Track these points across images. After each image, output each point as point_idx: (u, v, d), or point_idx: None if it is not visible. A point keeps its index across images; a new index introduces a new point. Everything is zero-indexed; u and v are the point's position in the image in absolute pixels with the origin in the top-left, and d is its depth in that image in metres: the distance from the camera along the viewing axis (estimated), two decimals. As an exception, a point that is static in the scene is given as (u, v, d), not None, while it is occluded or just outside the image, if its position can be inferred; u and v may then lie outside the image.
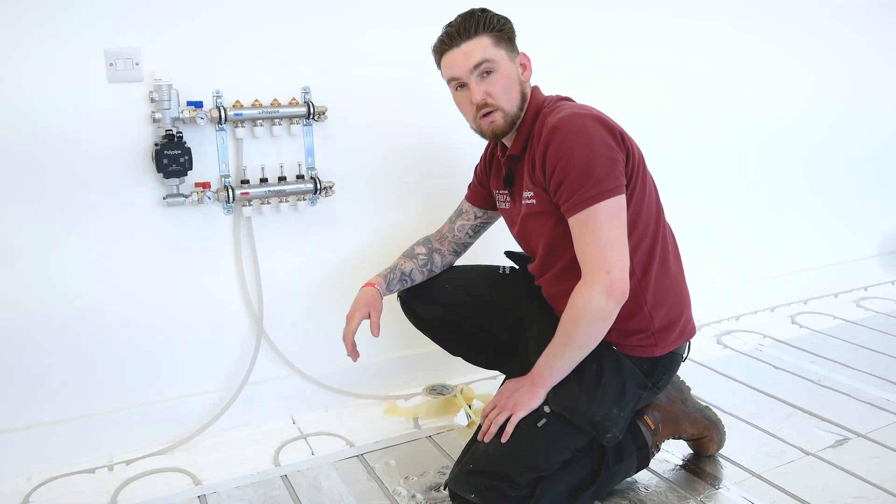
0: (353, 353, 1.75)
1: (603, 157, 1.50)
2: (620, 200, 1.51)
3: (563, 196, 1.52)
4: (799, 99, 2.96)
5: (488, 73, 1.59)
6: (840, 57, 3.05)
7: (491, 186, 1.83)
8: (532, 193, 1.63)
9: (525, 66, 1.66)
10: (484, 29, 1.58)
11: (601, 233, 1.49)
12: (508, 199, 1.75)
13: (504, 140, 1.71)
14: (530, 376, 1.60)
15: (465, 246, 1.94)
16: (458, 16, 1.62)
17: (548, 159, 1.54)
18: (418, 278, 1.88)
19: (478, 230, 1.93)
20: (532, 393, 1.58)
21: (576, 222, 1.52)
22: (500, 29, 1.60)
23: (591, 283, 1.50)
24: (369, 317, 1.75)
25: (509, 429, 1.56)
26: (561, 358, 1.56)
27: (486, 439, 1.58)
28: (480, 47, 1.58)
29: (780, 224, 3.04)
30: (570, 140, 1.51)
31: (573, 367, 1.57)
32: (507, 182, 1.72)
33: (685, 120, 2.69)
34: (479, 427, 1.69)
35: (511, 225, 1.80)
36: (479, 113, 1.61)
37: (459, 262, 1.96)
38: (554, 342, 1.57)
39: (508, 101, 1.61)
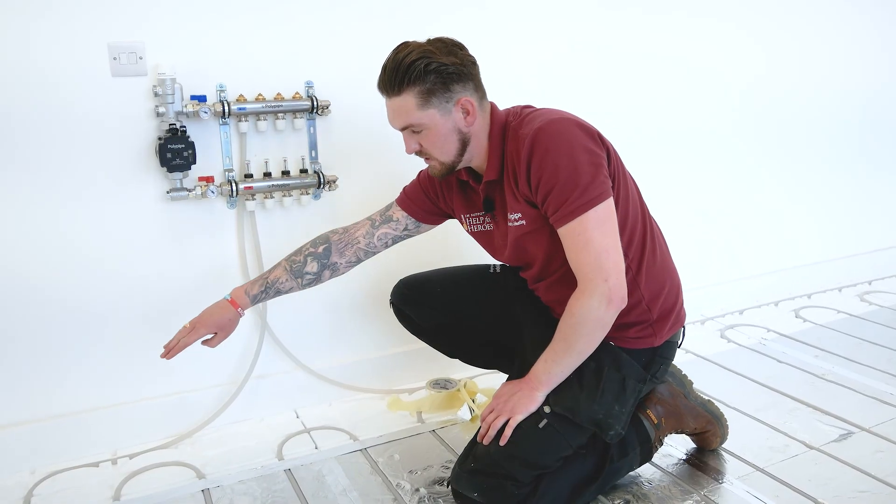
0: (169, 355, 1.67)
1: (586, 163, 1.48)
2: (609, 205, 1.49)
3: (550, 208, 1.50)
4: (795, 87, 2.95)
5: (416, 131, 1.56)
6: (838, 34, 3.02)
7: (456, 210, 1.76)
8: (520, 214, 1.59)
9: (468, 111, 1.55)
10: (409, 84, 1.50)
11: (594, 241, 1.47)
12: (489, 222, 1.71)
13: (472, 166, 1.66)
14: (528, 380, 1.59)
15: (373, 255, 1.84)
16: (389, 56, 1.53)
17: (532, 172, 1.50)
18: (296, 293, 1.81)
19: (397, 241, 1.84)
20: (530, 397, 1.57)
21: (567, 232, 1.50)
22: (431, 81, 1.50)
23: (590, 293, 1.48)
24: (213, 335, 1.71)
25: (507, 432, 1.55)
26: (559, 364, 1.56)
27: (485, 442, 1.58)
28: (404, 111, 1.53)
29: (784, 218, 3.03)
30: (552, 150, 1.48)
31: (571, 371, 1.57)
32: (488, 206, 1.67)
33: (681, 112, 2.67)
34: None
35: (493, 247, 1.75)
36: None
37: (459, 262, 1.94)
38: (552, 348, 1.56)
39: (442, 154, 1.59)
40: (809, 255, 3.14)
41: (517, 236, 1.63)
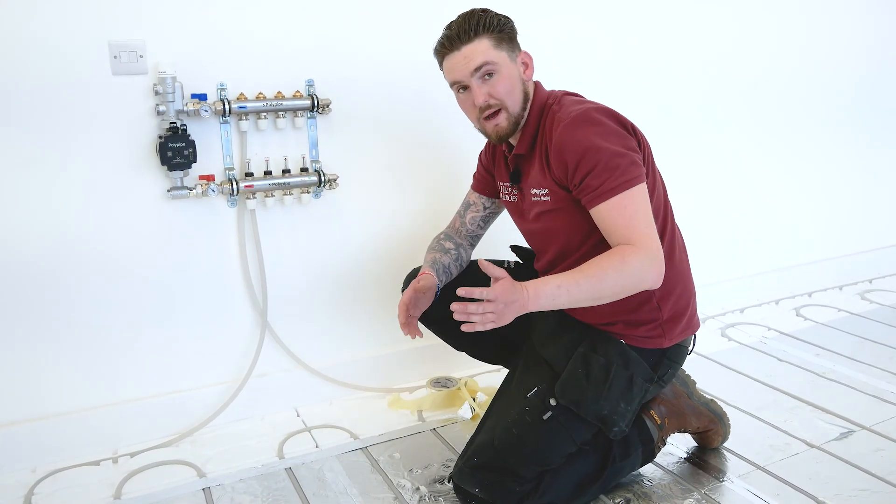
0: (410, 328, 1.71)
1: (625, 147, 1.50)
2: (645, 188, 1.50)
3: (589, 187, 1.49)
4: (796, 84, 2.95)
5: (490, 75, 1.58)
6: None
7: (496, 177, 1.82)
8: (546, 191, 1.60)
9: (527, 64, 1.64)
10: (484, 30, 1.56)
11: (642, 213, 1.48)
12: (515, 193, 1.74)
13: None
14: (532, 294, 1.42)
15: (478, 238, 1.93)
16: (458, 16, 1.60)
17: (570, 155, 1.51)
18: (455, 272, 1.86)
19: (487, 220, 1.92)
20: (522, 312, 1.42)
21: (610, 207, 1.47)
22: (500, 29, 1.58)
23: (644, 250, 1.44)
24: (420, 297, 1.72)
25: (476, 329, 1.41)
26: (571, 292, 1.42)
27: (461, 318, 1.41)
28: (480, 50, 1.57)
29: (785, 216, 3.03)
30: (590, 134, 1.50)
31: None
32: (514, 178, 1.71)
33: (680, 111, 2.68)
34: (483, 421, 1.70)
35: (518, 218, 1.79)
36: (483, 115, 1.61)
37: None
38: (574, 273, 1.44)
39: (512, 101, 1.60)
40: (810, 253, 3.14)
41: (539, 212, 1.65)
